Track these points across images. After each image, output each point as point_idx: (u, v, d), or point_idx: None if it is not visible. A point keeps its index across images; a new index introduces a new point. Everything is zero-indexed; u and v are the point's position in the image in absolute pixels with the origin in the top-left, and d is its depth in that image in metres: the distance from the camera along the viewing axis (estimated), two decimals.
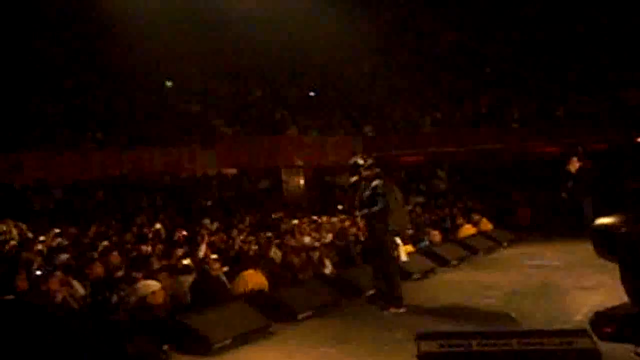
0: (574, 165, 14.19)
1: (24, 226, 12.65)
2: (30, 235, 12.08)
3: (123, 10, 19.90)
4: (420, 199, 18.94)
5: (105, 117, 19.05)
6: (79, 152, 17.06)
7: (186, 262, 10.16)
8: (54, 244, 11.10)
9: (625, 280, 3.98)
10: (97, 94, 20.13)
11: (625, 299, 4.05)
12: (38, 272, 8.98)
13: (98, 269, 9.30)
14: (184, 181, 18.49)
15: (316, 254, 11.66)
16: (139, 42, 20.81)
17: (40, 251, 10.51)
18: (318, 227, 13.90)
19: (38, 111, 17.88)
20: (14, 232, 12.28)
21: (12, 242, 11.25)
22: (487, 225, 16.57)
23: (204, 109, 21.74)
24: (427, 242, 13.97)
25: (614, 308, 4.25)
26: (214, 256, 10.35)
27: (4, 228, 12.33)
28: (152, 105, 20.68)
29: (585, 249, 4.44)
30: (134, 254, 10.69)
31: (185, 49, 22.26)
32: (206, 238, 11.58)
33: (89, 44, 21.07)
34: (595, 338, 3.77)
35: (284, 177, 20.65)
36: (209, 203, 17.64)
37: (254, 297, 9.34)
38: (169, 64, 22.39)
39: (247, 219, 14.59)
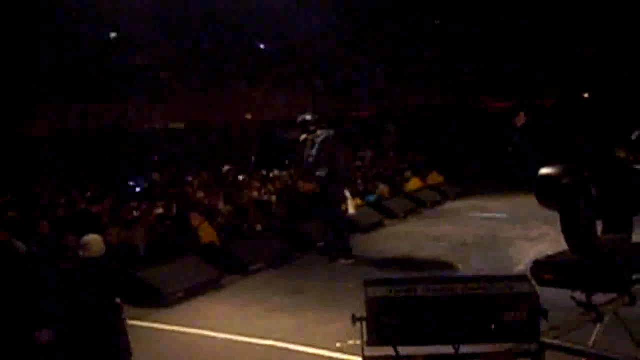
0: (521, 119, 14.46)
1: None
2: None
3: None
4: (369, 153, 19.09)
5: (49, 70, 18.57)
6: (24, 107, 16.69)
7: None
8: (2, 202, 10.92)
9: (565, 229, 4.15)
10: (39, 45, 19.53)
11: (565, 248, 4.24)
12: None
13: (44, 226, 9.24)
14: (132, 136, 18.28)
15: (266, 208, 11.76)
16: None
17: None
18: (267, 181, 13.96)
19: None
20: None
21: None
22: (435, 178, 16.82)
23: (151, 62, 21.34)
24: (375, 195, 14.16)
25: (552, 256, 4.44)
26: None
27: None
28: (96, 57, 20.18)
29: (530, 202, 4.60)
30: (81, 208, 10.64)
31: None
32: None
33: None
34: (534, 283, 3.96)
35: (232, 131, 20.59)
36: (156, 158, 17.51)
37: (205, 250, 9.43)
38: (113, 14, 21.80)
39: (201, 173, 14.54)
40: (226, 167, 15.11)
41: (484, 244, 10.41)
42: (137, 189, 12.41)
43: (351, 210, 10.69)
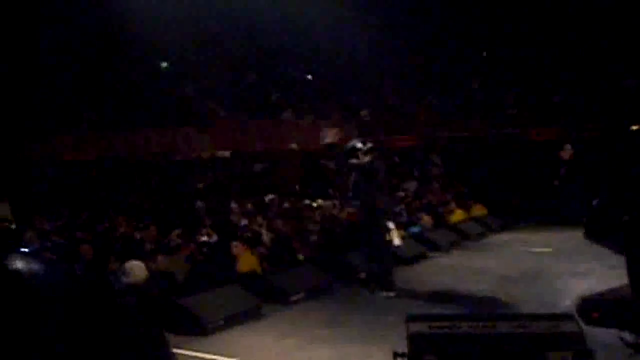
0: (567, 152, 14.27)
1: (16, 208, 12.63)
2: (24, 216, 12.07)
3: None
4: (413, 184, 18.99)
5: (99, 98, 18.98)
6: (73, 133, 17.04)
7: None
8: (47, 226, 11.13)
9: (631, 268, 4.02)
10: (90, 74, 20.00)
11: (613, 285, 4.12)
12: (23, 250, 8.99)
13: (88, 251, 9.37)
14: (178, 164, 18.48)
15: (309, 237, 11.75)
16: (134, 22, 20.63)
17: (35, 232, 10.54)
18: (310, 211, 13.96)
19: (34, 94, 17.78)
20: (7, 212, 12.27)
21: (5, 223, 11.24)
22: (479, 210, 16.65)
23: (200, 92, 21.68)
24: (419, 227, 14.05)
25: (600, 294, 4.32)
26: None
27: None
28: (146, 86, 20.60)
29: (576, 236, 4.50)
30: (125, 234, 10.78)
31: (181, 30, 22.12)
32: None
33: (83, 23, 20.83)
34: (581, 322, 3.84)
35: (278, 160, 20.69)
36: (201, 186, 17.65)
37: (246, 279, 9.44)
38: (164, 45, 22.24)
39: (243, 202, 14.62)
40: (270, 196, 15.16)
41: (528, 279, 10.20)
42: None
43: (396, 241, 10.59)
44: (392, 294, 9.42)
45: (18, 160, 15.21)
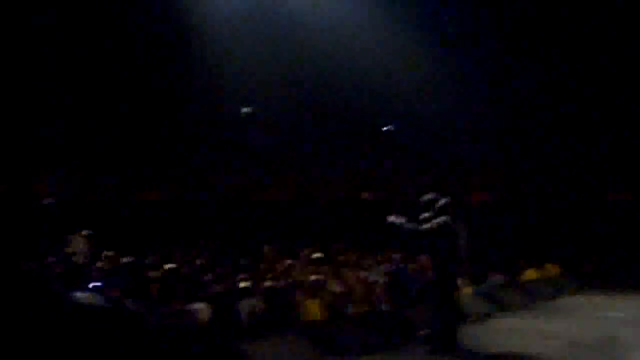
0: None
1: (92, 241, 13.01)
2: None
3: (203, 34, 20.28)
4: (486, 240, 18.63)
5: (177, 141, 19.49)
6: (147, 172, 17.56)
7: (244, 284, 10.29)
8: (118, 262, 11.37)
9: None
10: (169, 117, 20.52)
11: None
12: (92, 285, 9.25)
13: (154, 288, 9.52)
14: (249, 207, 18.74)
15: (374, 289, 11.63)
16: (215, 66, 21.16)
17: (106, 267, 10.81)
18: (377, 262, 13.85)
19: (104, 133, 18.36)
20: (84, 246, 12.66)
21: (80, 257, 11.60)
22: (552, 270, 16.20)
23: (276, 140, 21.96)
24: (487, 285, 13.75)
25: None
26: None
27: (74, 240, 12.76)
28: (226, 130, 21.00)
29: None
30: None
31: (265, 76, 22.54)
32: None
33: (164, 65, 21.41)
34: None
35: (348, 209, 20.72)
36: (270, 229, 17.77)
37: (307, 328, 9.39)
38: (246, 90, 22.68)
39: (311, 249, 14.62)
40: (337, 245, 15.15)
41: (601, 347, 9.78)
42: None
43: (462, 299, 10.35)
44: (455, 354, 9.20)
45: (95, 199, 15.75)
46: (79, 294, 8.01)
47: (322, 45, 22.09)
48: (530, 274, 15.39)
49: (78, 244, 12.61)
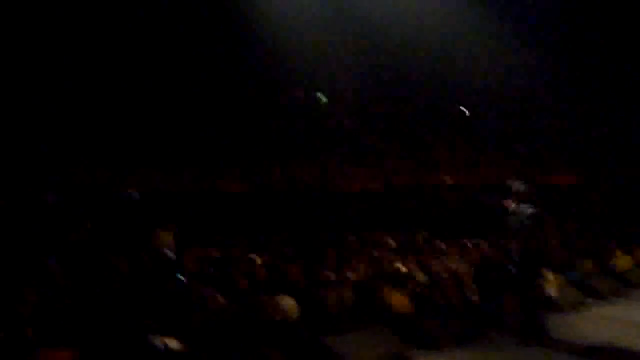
0: None
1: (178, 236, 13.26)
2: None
3: (280, 20, 20.35)
4: (572, 226, 18.13)
5: (258, 131, 19.67)
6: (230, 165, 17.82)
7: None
8: (205, 255, 11.58)
9: None
10: (250, 107, 20.71)
11: None
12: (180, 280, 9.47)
13: (242, 284, 9.67)
14: (331, 196, 18.73)
15: (460, 278, 11.47)
16: (294, 55, 21.24)
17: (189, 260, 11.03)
18: (466, 251, 13.61)
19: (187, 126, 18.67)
20: (171, 240, 12.92)
21: (167, 251, 11.84)
22: None
23: (357, 125, 21.94)
24: (578, 273, 13.36)
25: None
26: None
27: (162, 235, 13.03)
28: (304, 119, 21.11)
29: None
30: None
31: (341, 63, 22.53)
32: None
33: (242, 53, 21.55)
34: None
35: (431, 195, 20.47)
36: (354, 219, 17.72)
37: (394, 321, 9.36)
38: (323, 77, 22.74)
39: (395, 238, 14.51)
40: (423, 233, 15.01)
41: None
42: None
43: (552, 292, 10.13)
44: (545, 344, 9.03)
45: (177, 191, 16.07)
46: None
47: (397, 29, 21.96)
48: (624, 260, 14.85)
49: (165, 238, 12.86)
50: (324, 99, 23.26)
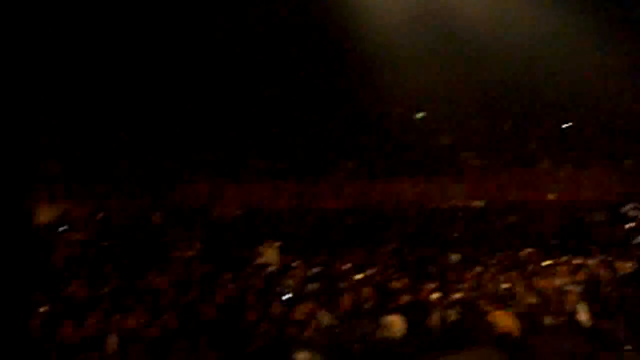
0: None
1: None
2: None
3: (380, 42, 20.35)
4: None
5: (356, 147, 19.73)
6: (330, 181, 17.89)
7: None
8: (308, 272, 11.65)
9: None
10: (348, 124, 20.83)
11: None
12: (285, 297, 9.53)
13: (347, 301, 9.62)
14: (431, 213, 18.56)
15: (569, 299, 11.05)
16: (389, 72, 21.25)
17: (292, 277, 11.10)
18: (572, 269, 13.14)
19: (286, 141, 18.89)
20: (275, 257, 13.08)
21: (271, 267, 12.00)
22: None
23: (454, 141, 21.72)
24: None
25: None
26: None
27: (265, 252, 13.22)
28: (402, 136, 21.07)
29: None
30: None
31: (436, 80, 22.37)
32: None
33: (340, 74, 21.69)
34: None
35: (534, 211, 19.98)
36: (456, 236, 17.49)
37: (500, 341, 9.08)
38: (419, 95, 22.63)
39: (498, 256, 14.20)
40: (527, 250, 14.62)
41: None
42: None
43: None
44: None
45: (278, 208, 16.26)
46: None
47: (498, 44, 21.56)
48: None
49: (269, 255, 13.04)
50: (421, 115, 23.18)
